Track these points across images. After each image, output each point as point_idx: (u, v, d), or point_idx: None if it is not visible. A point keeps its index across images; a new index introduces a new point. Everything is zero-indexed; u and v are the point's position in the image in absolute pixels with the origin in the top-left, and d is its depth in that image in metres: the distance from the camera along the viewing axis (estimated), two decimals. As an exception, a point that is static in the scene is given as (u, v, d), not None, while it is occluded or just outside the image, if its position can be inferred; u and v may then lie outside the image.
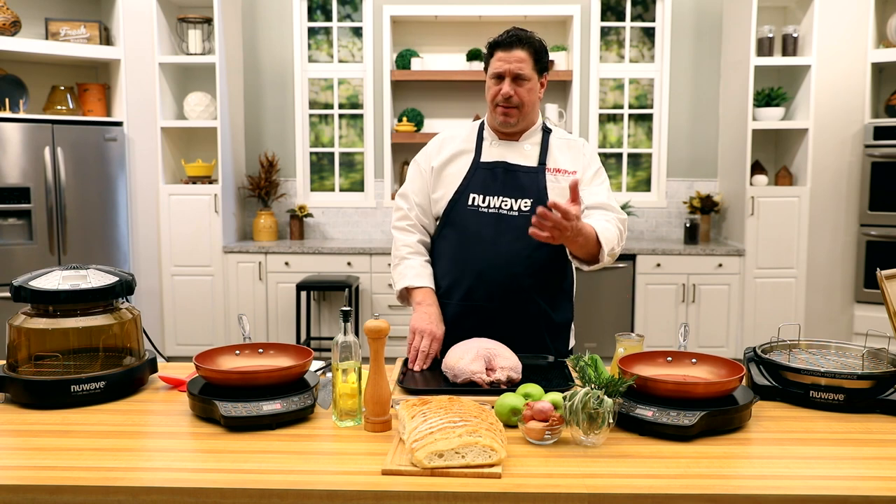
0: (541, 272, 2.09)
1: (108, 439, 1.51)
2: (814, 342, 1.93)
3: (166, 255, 4.94)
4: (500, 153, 2.13)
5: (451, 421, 1.38)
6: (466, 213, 2.09)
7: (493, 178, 2.10)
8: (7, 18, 4.31)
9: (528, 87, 2.05)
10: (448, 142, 2.19)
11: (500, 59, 2.03)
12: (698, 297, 4.91)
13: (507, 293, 2.06)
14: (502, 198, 2.07)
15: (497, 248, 2.05)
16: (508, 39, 2.03)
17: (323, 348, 4.91)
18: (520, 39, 2.03)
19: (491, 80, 2.07)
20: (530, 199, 2.07)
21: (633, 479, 1.30)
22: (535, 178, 2.09)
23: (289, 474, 1.32)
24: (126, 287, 1.86)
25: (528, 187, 2.08)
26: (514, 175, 2.09)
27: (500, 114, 2.07)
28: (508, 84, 2.03)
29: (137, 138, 4.87)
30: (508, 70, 2.02)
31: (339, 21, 5.49)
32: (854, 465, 1.38)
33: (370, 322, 1.56)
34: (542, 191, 2.07)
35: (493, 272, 2.05)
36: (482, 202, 2.08)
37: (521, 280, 2.06)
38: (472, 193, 2.09)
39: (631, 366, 1.70)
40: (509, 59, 2.02)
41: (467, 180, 2.11)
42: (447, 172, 2.14)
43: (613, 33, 5.50)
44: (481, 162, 2.12)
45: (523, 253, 2.05)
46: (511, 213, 2.07)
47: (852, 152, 5.07)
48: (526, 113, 2.08)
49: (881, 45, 4.79)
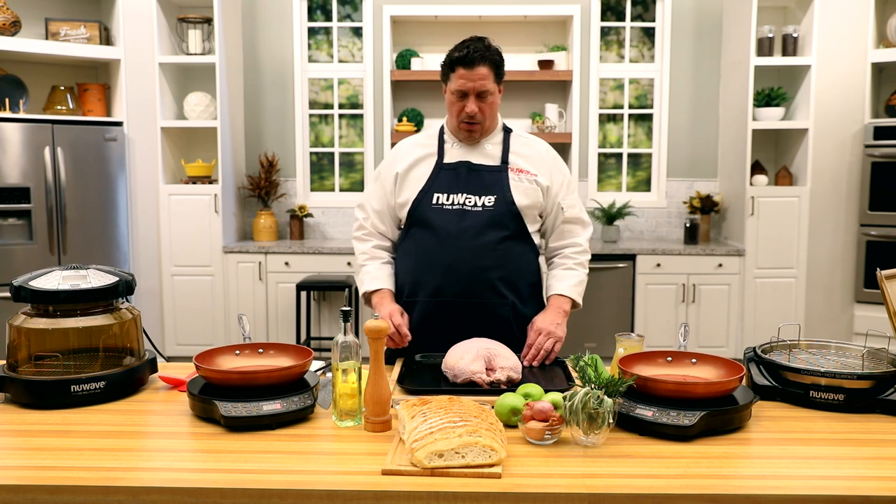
0: (507, 265, 2.13)
1: (108, 439, 1.51)
2: (814, 342, 1.94)
3: (166, 255, 4.94)
4: (462, 154, 2.17)
5: (451, 421, 1.38)
6: (431, 211, 2.12)
7: (456, 178, 2.14)
8: (7, 18, 4.31)
9: (490, 101, 2.10)
10: (409, 148, 2.24)
11: (463, 77, 2.05)
12: (698, 297, 4.91)
13: (475, 286, 2.10)
14: (466, 195, 2.12)
15: (462, 243, 2.08)
16: (471, 57, 2.03)
17: (323, 348, 4.91)
18: (482, 56, 2.04)
19: (453, 95, 2.10)
20: (493, 196, 2.11)
21: (633, 479, 1.30)
22: (498, 176, 2.14)
23: (289, 474, 1.32)
24: (126, 287, 1.86)
25: (491, 185, 2.13)
26: (478, 174, 2.14)
27: (464, 130, 2.13)
28: (474, 102, 2.06)
29: (137, 138, 4.87)
30: (472, 88, 2.05)
31: (339, 21, 5.49)
32: (854, 465, 1.38)
33: (370, 322, 1.56)
34: (505, 188, 2.12)
35: (460, 266, 2.08)
36: (446, 200, 2.12)
37: (488, 273, 2.10)
38: (436, 193, 2.13)
39: (631, 366, 1.70)
40: (472, 76, 2.04)
41: (431, 181, 2.15)
42: (411, 176, 2.18)
43: (613, 33, 5.50)
44: (444, 163, 2.16)
45: (489, 246, 2.10)
46: (475, 208, 2.11)
47: (852, 152, 5.07)
48: (488, 125, 2.15)
49: (881, 45, 4.79)
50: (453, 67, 2.07)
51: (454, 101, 2.10)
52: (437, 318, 2.11)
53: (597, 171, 5.50)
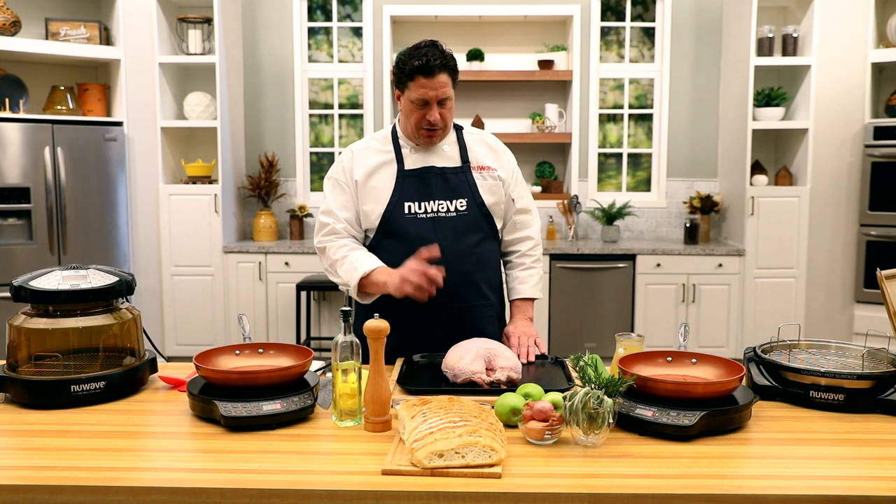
0: (487, 267, 2.16)
1: (108, 439, 1.51)
2: (814, 342, 1.94)
3: (166, 255, 4.94)
4: (423, 159, 2.13)
5: (451, 421, 1.38)
6: (405, 221, 2.08)
7: (423, 184, 2.11)
8: (7, 18, 4.31)
9: (449, 107, 2.08)
10: (362, 154, 2.15)
11: (424, 87, 2.00)
12: (698, 297, 4.91)
13: (461, 291, 2.10)
14: (438, 201, 2.10)
15: (444, 250, 2.03)
16: (430, 65, 1.98)
17: (323, 348, 4.91)
18: (442, 64, 2.00)
19: (412, 104, 2.04)
20: (465, 199, 2.11)
21: (633, 479, 1.30)
22: (463, 177, 2.13)
23: (289, 474, 1.32)
24: (126, 287, 1.86)
25: (459, 188, 2.12)
26: (444, 178, 2.12)
27: (424, 136, 2.08)
28: (436, 110, 2.03)
29: (137, 138, 4.87)
30: (434, 96, 2.02)
31: (339, 21, 5.49)
32: (854, 465, 1.38)
33: (370, 322, 1.56)
34: (473, 189, 2.13)
35: (446, 274, 1.98)
36: (419, 209, 2.09)
37: (472, 276, 2.11)
38: (406, 202, 2.09)
39: (631, 366, 1.70)
40: (434, 85, 2.00)
41: (398, 190, 2.10)
42: (372, 185, 2.11)
43: (613, 33, 5.50)
44: (407, 170, 2.12)
45: (469, 250, 2.10)
46: (448, 214, 2.10)
47: (852, 152, 5.07)
48: (448, 128, 2.13)
49: (881, 45, 4.79)
50: (412, 76, 2.00)
51: (414, 109, 2.04)
52: (425, 327, 2.09)
53: (597, 171, 5.50)
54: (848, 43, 4.97)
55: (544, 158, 5.50)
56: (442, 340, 2.00)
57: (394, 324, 2.01)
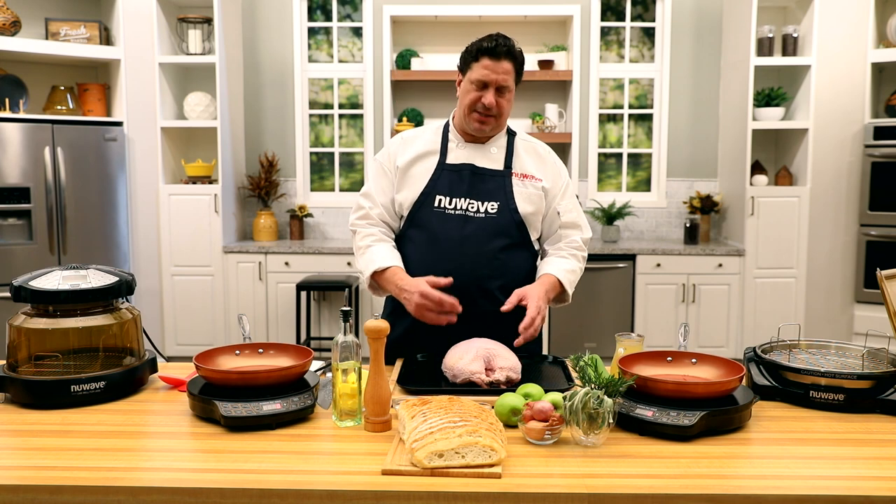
0: (507, 274, 2.07)
1: (108, 439, 1.51)
2: (814, 342, 1.93)
3: (166, 255, 4.94)
4: (466, 155, 2.11)
5: (451, 421, 1.38)
6: (432, 214, 2.06)
7: (459, 181, 2.08)
8: (7, 18, 4.31)
9: (508, 98, 2.04)
10: (411, 141, 2.15)
11: (487, 68, 1.99)
12: (698, 297, 4.91)
13: (473, 295, 2.02)
14: (469, 200, 2.06)
15: (464, 250, 2.02)
16: (498, 49, 1.98)
17: (323, 348, 4.91)
18: (509, 51, 2.00)
19: (472, 84, 2.02)
20: (497, 202, 2.06)
21: (633, 479, 1.30)
22: (501, 181, 2.08)
23: (289, 474, 1.32)
24: (126, 287, 1.86)
25: (494, 191, 2.07)
26: (481, 178, 2.08)
27: (475, 120, 2.05)
28: (493, 94, 2.01)
29: (137, 138, 4.87)
30: (495, 80, 1.99)
31: (339, 21, 5.49)
32: (854, 465, 1.38)
33: (370, 322, 1.56)
34: (508, 195, 2.07)
35: (459, 274, 1.99)
36: (448, 204, 2.06)
37: (487, 283, 2.04)
38: (438, 195, 2.07)
39: (631, 366, 1.70)
40: (497, 69, 1.99)
41: (433, 182, 2.08)
42: (412, 173, 2.10)
43: (613, 33, 5.50)
44: (447, 164, 2.10)
45: (490, 255, 2.04)
46: (477, 214, 2.05)
47: (852, 152, 5.07)
48: (502, 122, 2.10)
49: (881, 45, 4.79)
50: (478, 57, 2.00)
51: (471, 90, 2.02)
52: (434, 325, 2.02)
53: (597, 171, 5.50)
54: (848, 43, 4.98)
55: (544, 158, 5.50)
56: (452, 340, 1.93)
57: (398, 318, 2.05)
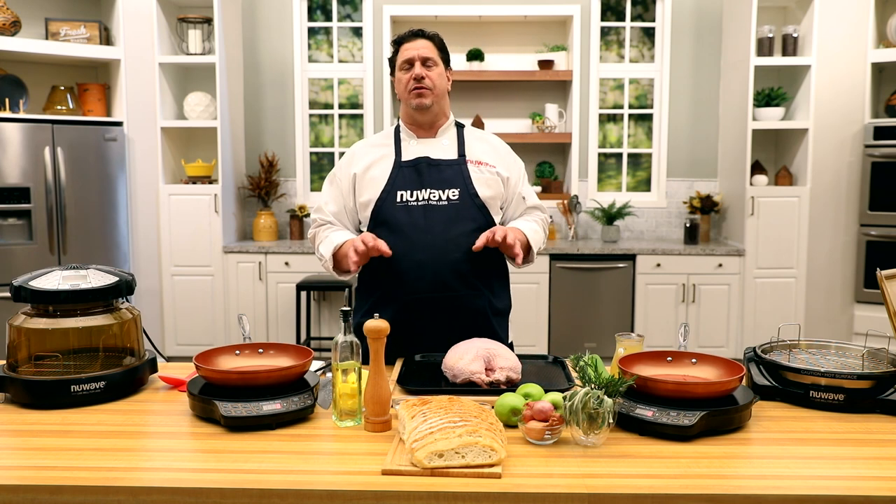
0: (478, 257, 2.12)
1: (108, 439, 1.51)
2: (814, 342, 1.93)
3: (166, 255, 4.94)
4: (420, 150, 2.19)
5: (451, 421, 1.38)
6: (396, 209, 2.12)
7: (417, 174, 2.15)
8: (7, 18, 4.31)
9: (437, 72, 2.15)
10: (364, 149, 2.25)
11: (407, 49, 2.15)
12: (698, 297, 4.91)
13: (448, 280, 2.08)
14: (430, 190, 2.13)
15: (431, 238, 2.08)
16: (410, 33, 2.17)
17: (323, 348, 4.91)
18: (422, 32, 2.17)
19: (401, 71, 2.16)
20: (457, 189, 2.13)
21: (633, 479, 1.30)
22: (458, 169, 2.16)
23: (289, 474, 1.32)
24: (126, 287, 1.86)
25: (452, 178, 2.14)
26: (438, 168, 2.15)
27: (414, 96, 2.14)
28: (420, 67, 2.13)
29: (137, 138, 4.87)
30: (417, 54, 2.13)
31: (339, 21, 5.49)
32: (854, 465, 1.38)
33: (370, 322, 1.55)
34: (467, 180, 2.15)
35: (431, 261, 2.07)
36: (410, 197, 2.12)
37: (459, 266, 2.09)
38: (399, 191, 2.13)
39: (631, 366, 1.70)
40: (415, 45, 2.14)
41: (392, 179, 2.15)
42: (370, 176, 2.17)
43: (613, 33, 5.50)
44: (403, 161, 2.17)
45: (459, 238, 2.09)
46: (440, 202, 2.12)
47: (852, 152, 5.07)
48: (438, 97, 2.17)
49: (881, 45, 4.80)
50: (397, 46, 2.18)
51: (402, 76, 2.15)
52: (414, 315, 2.09)
53: (597, 171, 5.50)
54: (848, 43, 4.98)
55: (544, 158, 5.50)
56: (432, 330, 2.03)
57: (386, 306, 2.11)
